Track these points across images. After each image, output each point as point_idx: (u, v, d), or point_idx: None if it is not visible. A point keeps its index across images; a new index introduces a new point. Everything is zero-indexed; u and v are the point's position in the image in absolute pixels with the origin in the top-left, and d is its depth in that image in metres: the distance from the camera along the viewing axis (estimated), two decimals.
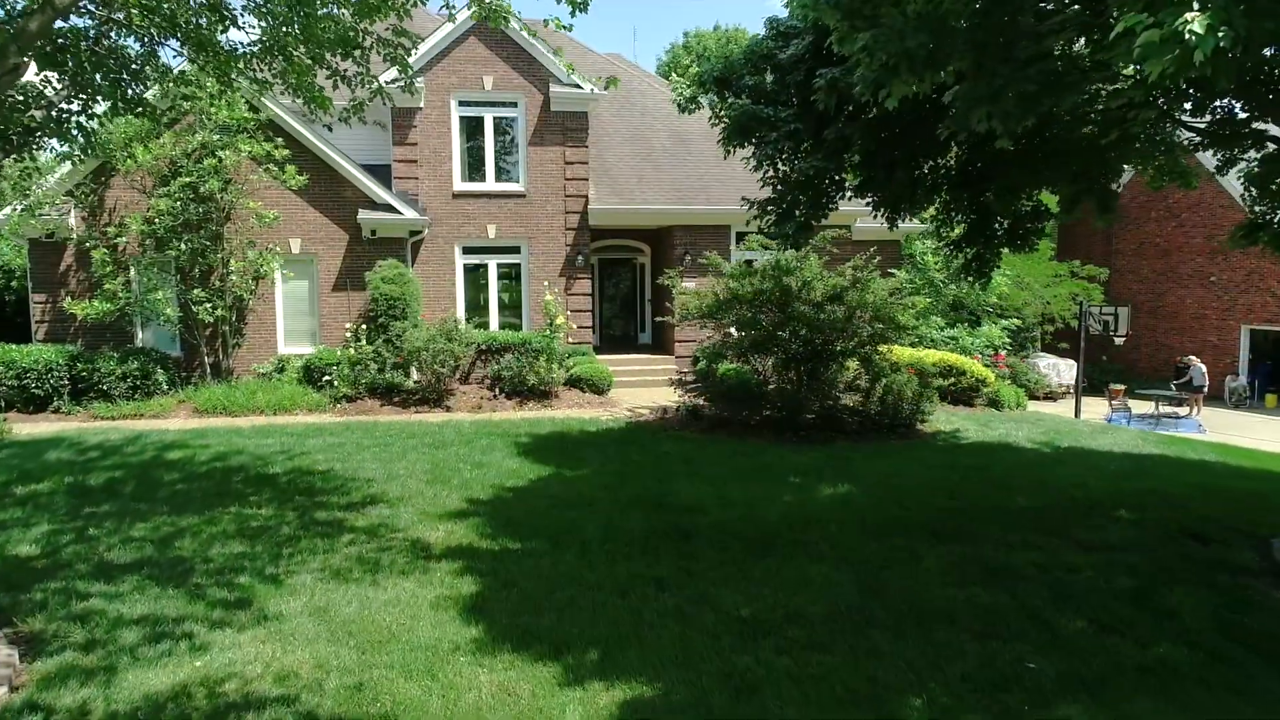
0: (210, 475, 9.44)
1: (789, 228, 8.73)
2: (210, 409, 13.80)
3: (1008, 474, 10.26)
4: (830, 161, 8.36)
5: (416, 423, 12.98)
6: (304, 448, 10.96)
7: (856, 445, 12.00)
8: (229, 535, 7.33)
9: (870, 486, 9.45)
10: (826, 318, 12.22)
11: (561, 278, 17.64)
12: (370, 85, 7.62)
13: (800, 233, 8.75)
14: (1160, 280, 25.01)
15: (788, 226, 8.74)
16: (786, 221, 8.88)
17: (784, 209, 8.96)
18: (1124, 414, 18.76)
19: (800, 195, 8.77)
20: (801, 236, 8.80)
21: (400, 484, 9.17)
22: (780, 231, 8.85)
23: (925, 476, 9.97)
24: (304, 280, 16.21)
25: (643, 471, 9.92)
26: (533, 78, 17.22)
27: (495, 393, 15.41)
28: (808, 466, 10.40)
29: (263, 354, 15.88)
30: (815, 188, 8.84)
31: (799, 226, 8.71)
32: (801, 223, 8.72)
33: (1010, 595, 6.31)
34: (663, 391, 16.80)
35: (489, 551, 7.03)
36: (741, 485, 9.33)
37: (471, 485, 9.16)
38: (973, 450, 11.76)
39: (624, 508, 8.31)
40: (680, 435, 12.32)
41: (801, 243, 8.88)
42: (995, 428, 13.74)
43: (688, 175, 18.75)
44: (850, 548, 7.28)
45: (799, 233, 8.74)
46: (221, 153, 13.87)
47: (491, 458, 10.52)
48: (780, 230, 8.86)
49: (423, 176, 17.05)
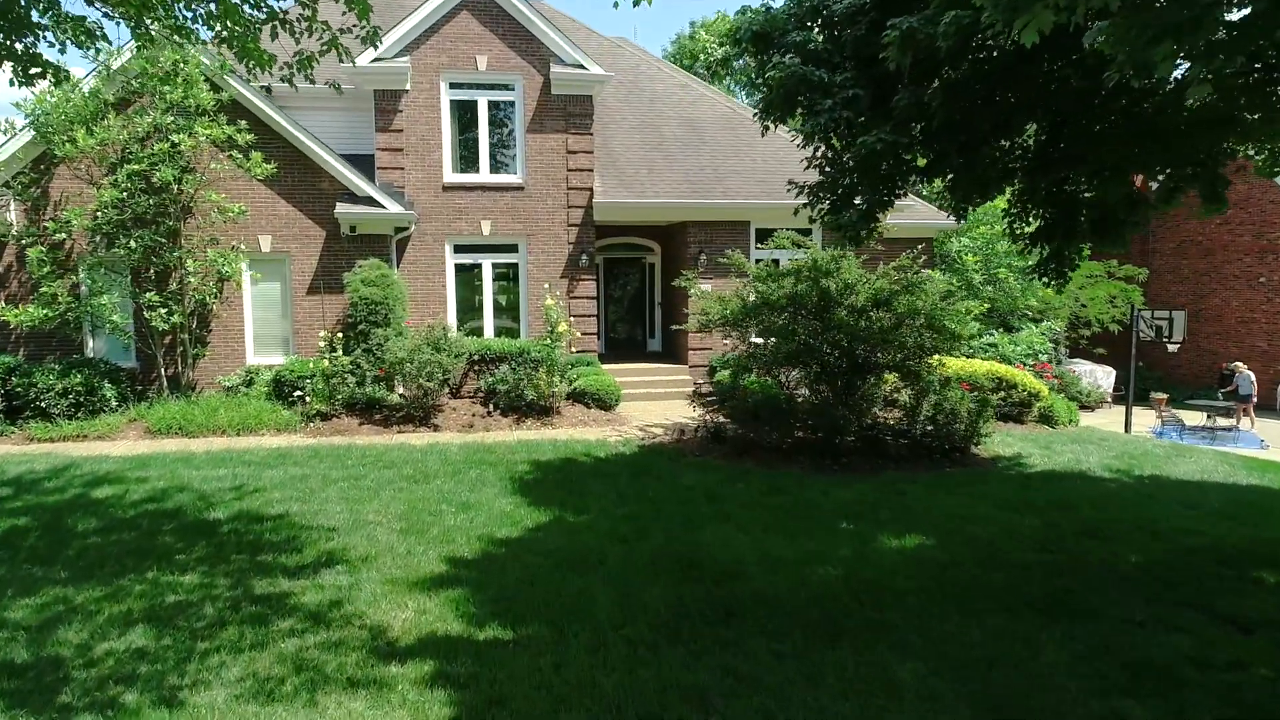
0: (136, 523, 7.73)
1: (848, 217, 7.03)
2: (164, 429, 12.11)
3: (1099, 516, 8.56)
4: (900, 134, 6.67)
5: (397, 447, 11.28)
6: (260, 482, 9.26)
7: (908, 474, 10.31)
8: (133, 619, 5.63)
9: (942, 535, 7.75)
10: (872, 326, 10.53)
11: (563, 279, 15.94)
12: (320, 34, 5.92)
13: (862, 223, 7.06)
14: (1203, 281, 23.34)
15: (846, 215, 7.05)
16: (843, 209, 7.18)
17: (840, 194, 7.26)
18: (1174, 426, 17.10)
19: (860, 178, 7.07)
20: (863, 228, 7.10)
21: (367, 534, 7.47)
22: (838, 222, 7.16)
23: (1003, 521, 8.27)
24: (275, 282, 14.51)
25: (663, 514, 8.22)
26: (532, 57, 15.52)
27: (489, 409, 13.72)
28: (859, 506, 8.70)
29: (229, 365, 14.19)
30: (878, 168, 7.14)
31: (860, 216, 7.03)
32: (864, 211, 7.02)
33: (1175, 712, 4.62)
34: (676, 405, 15.10)
35: (471, 644, 5.33)
36: (785, 534, 7.63)
37: (455, 536, 7.45)
38: (1045, 482, 10.05)
39: (644, 570, 6.61)
40: (702, 462, 10.62)
41: (863, 236, 7.19)
42: (1059, 451, 12.03)
43: (702, 166, 17.05)
44: (942, 631, 5.58)
45: (860, 223, 7.04)
46: (176, 136, 12.16)
47: (481, 495, 8.82)
48: (838, 220, 7.17)
49: (409, 167, 15.35)
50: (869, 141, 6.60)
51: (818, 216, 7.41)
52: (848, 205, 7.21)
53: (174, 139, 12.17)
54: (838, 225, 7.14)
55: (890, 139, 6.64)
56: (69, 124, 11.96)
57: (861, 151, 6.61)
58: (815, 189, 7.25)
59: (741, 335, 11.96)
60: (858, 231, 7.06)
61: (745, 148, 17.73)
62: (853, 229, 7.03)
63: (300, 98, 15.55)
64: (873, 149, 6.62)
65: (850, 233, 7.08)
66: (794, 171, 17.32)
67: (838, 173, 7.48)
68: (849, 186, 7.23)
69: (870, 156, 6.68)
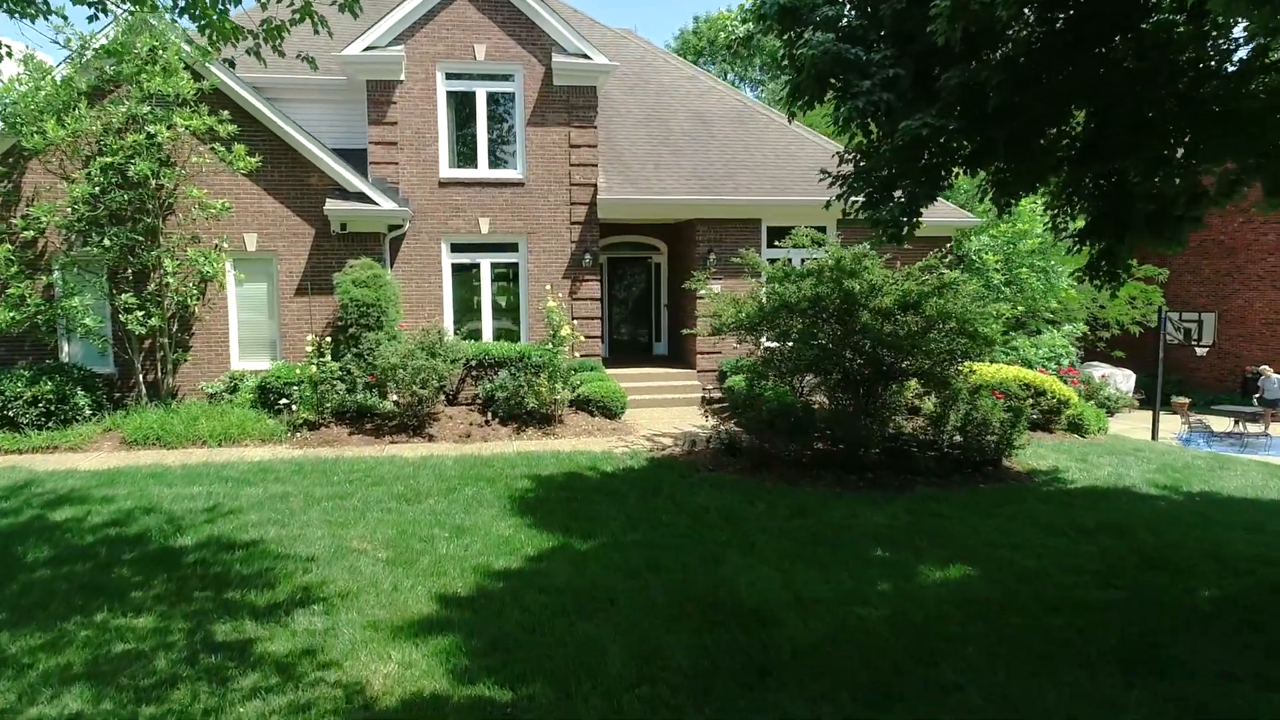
0: (93, 552, 6.95)
1: (888, 211, 6.24)
2: (141, 440, 11.34)
3: (1158, 542, 7.77)
4: (948, 118, 5.88)
5: (388, 460, 10.49)
6: (236, 502, 8.48)
7: (939, 491, 9.53)
8: (71, 675, 4.86)
9: (988, 566, 6.97)
10: (899, 330, 9.76)
11: (566, 280, 15.15)
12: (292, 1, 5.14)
13: (903, 218, 6.26)
14: (1224, 281, 22.53)
15: (887, 210, 6.25)
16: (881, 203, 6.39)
17: (877, 187, 6.48)
18: (1201, 433, 16.30)
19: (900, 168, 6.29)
20: (904, 224, 6.31)
21: (349, 565, 6.69)
22: (876, 217, 6.36)
23: (1053, 548, 7.49)
24: (261, 282, 13.72)
25: (678, 541, 7.43)
26: (533, 46, 14.73)
27: (488, 417, 12.93)
28: (892, 529, 7.92)
29: (213, 370, 13.41)
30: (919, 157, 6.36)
31: (902, 210, 6.23)
32: (905, 206, 6.24)
33: None
34: (685, 413, 14.32)
35: (462, 707, 4.55)
36: (816, 566, 6.84)
37: (447, 567, 6.67)
38: (1090, 501, 9.26)
39: (661, 612, 5.83)
40: (716, 478, 9.83)
41: (906, 233, 6.40)
42: (1096, 463, 11.25)
43: (711, 161, 16.26)
44: (1011, 692, 4.80)
45: (900, 218, 6.25)
46: (153, 127, 11.37)
47: (477, 518, 8.04)
48: (875, 215, 6.38)
49: (404, 162, 14.57)
50: (913, 126, 5.81)
51: (852, 211, 6.62)
52: (886, 198, 6.42)
53: (150, 130, 11.38)
54: (875, 221, 6.36)
55: (937, 123, 5.85)
56: (38, 114, 11.18)
57: (904, 138, 5.82)
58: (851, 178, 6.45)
59: (755, 340, 11.20)
60: (899, 228, 6.27)
61: (756, 143, 16.95)
62: (893, 225, 6.24)
63: (289, 89, 14.80)
64: (917, 134, 5.83)
65: (890, 229, 6.29)
66: (807, 167, 16.55)
67: (874, 163, 6.69)
68: (887, 178, 6.45)
69: (915, 143, 5.90)
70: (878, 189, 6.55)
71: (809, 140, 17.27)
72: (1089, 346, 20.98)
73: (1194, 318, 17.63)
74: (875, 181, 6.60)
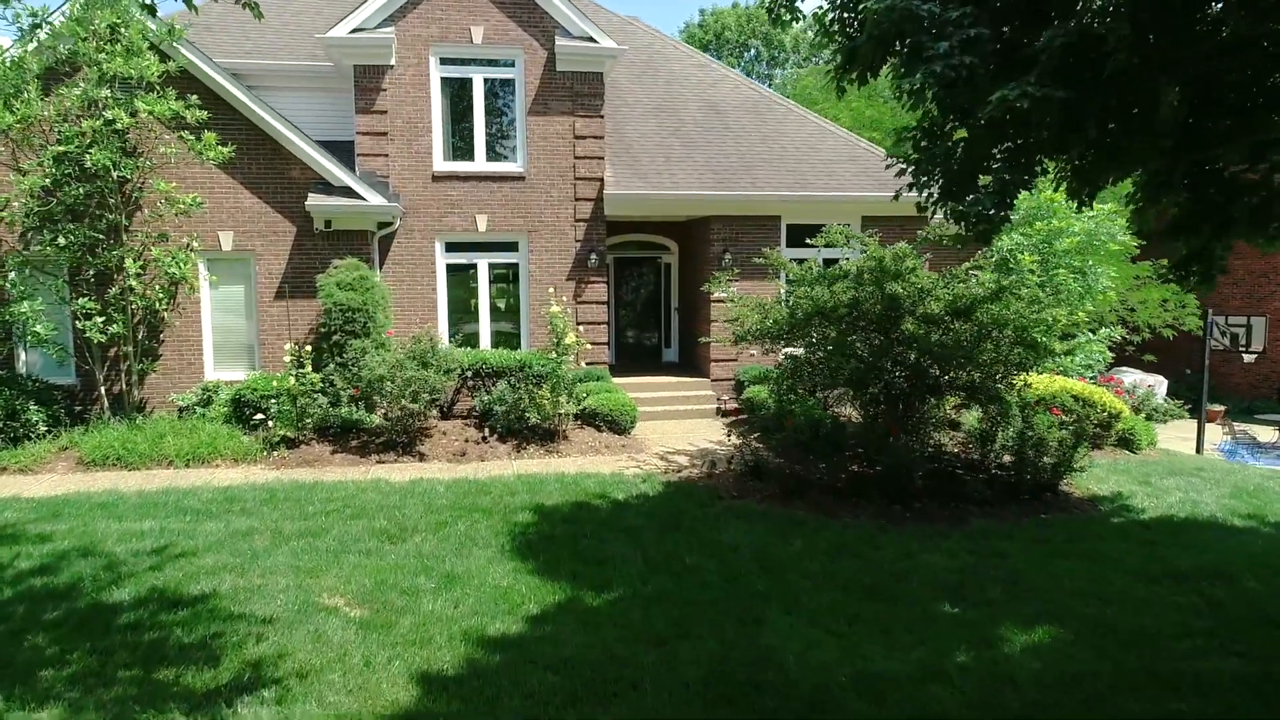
0: (7, 611, 5.79)
1: (978, 203, 5.08)
2: (100, 460, 10.20)
3: (1269, 590, 6.61)
4: (1052, 86, 4.73)
5: (372, 485, 9.34)
6: (192, 540, 7.34)
7: (996, 522, 8.38)
8: None
9: (1081, 626, 5.81)
10: (949, 340, 8.62)
11: (570, 281, 14.00)
12: None
13: (995, 210, 5.10)
14: (1259, 282, 21.33)
15: (974, 203, 5.09)
16: (961, 194, 5.24)
17: (955, 173, 5.33)
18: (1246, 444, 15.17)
19: (986, 149, 5.14)
20: (998, 217, 5.15)
21: (315, 629, 5.54)
22: (961, 210, 5.20)
23: (1151, 600, 6.33)
24: (238, 285, 12.57)
25: (708, 594, 6.28)
26: (534, 28, 13.58)
27: (485, 432, 11.77)
28: (957, 576, 6.76)
29: (185, 380, 12.26)
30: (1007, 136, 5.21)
31: (992, 200, 5.07)
32: (995, 195, 5.08)
33: None
34: (699, 426, 13.18)
35: None
36: (877, 628, 5.69)
37: (432, 632, 5.52)
38: (1171, 535, 8.11)
39: (697, 698, 4.67)
40: (743, 507, 8.67)
41: (996, 228, 5.27)
42: (1162, 487, 10.09)
43: (726, 154, 15.11)
44: None
45: (991, 210, 5.09)
46: (111, 112, 10.23)
47: (470, 561, 6.88)
48: (959, 208, 5.22)
49: (394, 154, 13.42)
50: (1009, 96, 4.66)
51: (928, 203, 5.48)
52: (967, 187, 5.27)
53: (109, 115, 10.23)
54: (959, 215, 5.21)
55: (1039, 93, 4.69)
56: None
57: (998, 111, 4.67)
58: (926, 162, 5.31)
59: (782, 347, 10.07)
60: (988, 223, 5.11)
61: (774, 135, 15.80)
62: (980, 220, 5.08)
63: (272, 76, 13.67)
64: (1015, 106, 4.67)
65: (977, 225, 5.13)
66: (828, 161, 15.41)
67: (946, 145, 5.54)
68: (967, 161, 5.30)
69: (1014, 117, 4.75)
70: (954, 177, 5.40)
71: (831, 133, 16.12)
72: (1119, 351, 19.83)
73: (1241, 321, 16.46)
74: (954, 166, 5.44)
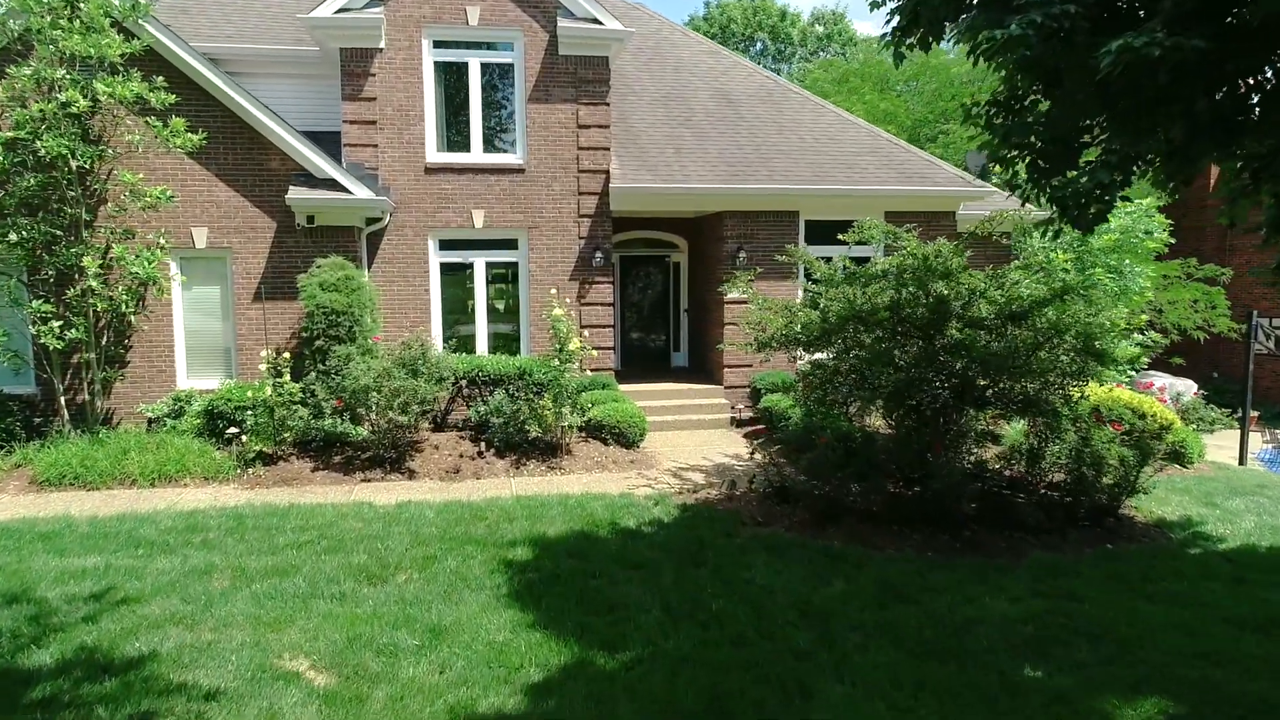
0: None
1: (1085, 183, 4.08)
2: (56, 479, 9.24)
3: None
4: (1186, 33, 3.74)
5: (354, 510, 8.35)
6: (140, 581, 6.35)
7: (1057, 555, 7.39)
8: None
9: (1190, 693, 4.82)
10: (1004, 346, 7.64)
11: (573, 282, 13.01)
12: None
13: (1102, 192, 4.11)
14: None
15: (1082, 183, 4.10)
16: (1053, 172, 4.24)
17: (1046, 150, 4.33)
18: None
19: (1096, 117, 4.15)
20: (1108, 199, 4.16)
21: (267, 707, 4.55)
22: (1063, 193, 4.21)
23: (1262, 658, 5.35)
24: (214, 286, 11.58)
25: (742, 654, 5.28)
26: (534, 9, 12.59)
27: (481, 446, 10.79)
28: (1031, 627, 5.76)
29: (155, 389, 11.27)
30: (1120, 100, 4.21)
31: (1110, 180, 4.08)
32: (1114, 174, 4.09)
33: None
34: (713, 438, 12.20)
35: None
36: (949, 701, 4.69)
37: (412, 711, 4.53)
38: (1261, 571, 7.11)
39: None
40: (771, 537, 7.68)
41: (1105, 212, 4.28)
42: (1229, 508, 9.10)
43: (740, 145, 14.12)
44: None
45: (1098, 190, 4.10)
46: (65, 94, 9.24)
47: (461, 610, 5.89)
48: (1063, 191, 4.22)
49: (384, 144, 12.44)
50: (1135, 44, 3.67)
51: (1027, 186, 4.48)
52: (1059, 164, 4.28)
53: (63, 98, 9.25)
54: (1061, 198, 4.23)
55: (1169, 41, 3.71)
56: None
57: (1121, 63, 3.69)
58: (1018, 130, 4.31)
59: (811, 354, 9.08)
60: (1102, 205, 4.13)
61: (790, 125, 14.81)
62: (1092, 201, 4.10)
63: (253, 62, 12.66)
64: (1139, 56, 3.69)
65: (1089, 206, 4.14)
66: (849, 153, 14.40)
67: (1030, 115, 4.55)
68: (1062, 135, 4.32)
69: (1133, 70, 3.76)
70: (1043, 154, 4.40)
71: (851, 123, 15.13)
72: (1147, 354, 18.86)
73: None
74: (1038, 143, 4.45)
